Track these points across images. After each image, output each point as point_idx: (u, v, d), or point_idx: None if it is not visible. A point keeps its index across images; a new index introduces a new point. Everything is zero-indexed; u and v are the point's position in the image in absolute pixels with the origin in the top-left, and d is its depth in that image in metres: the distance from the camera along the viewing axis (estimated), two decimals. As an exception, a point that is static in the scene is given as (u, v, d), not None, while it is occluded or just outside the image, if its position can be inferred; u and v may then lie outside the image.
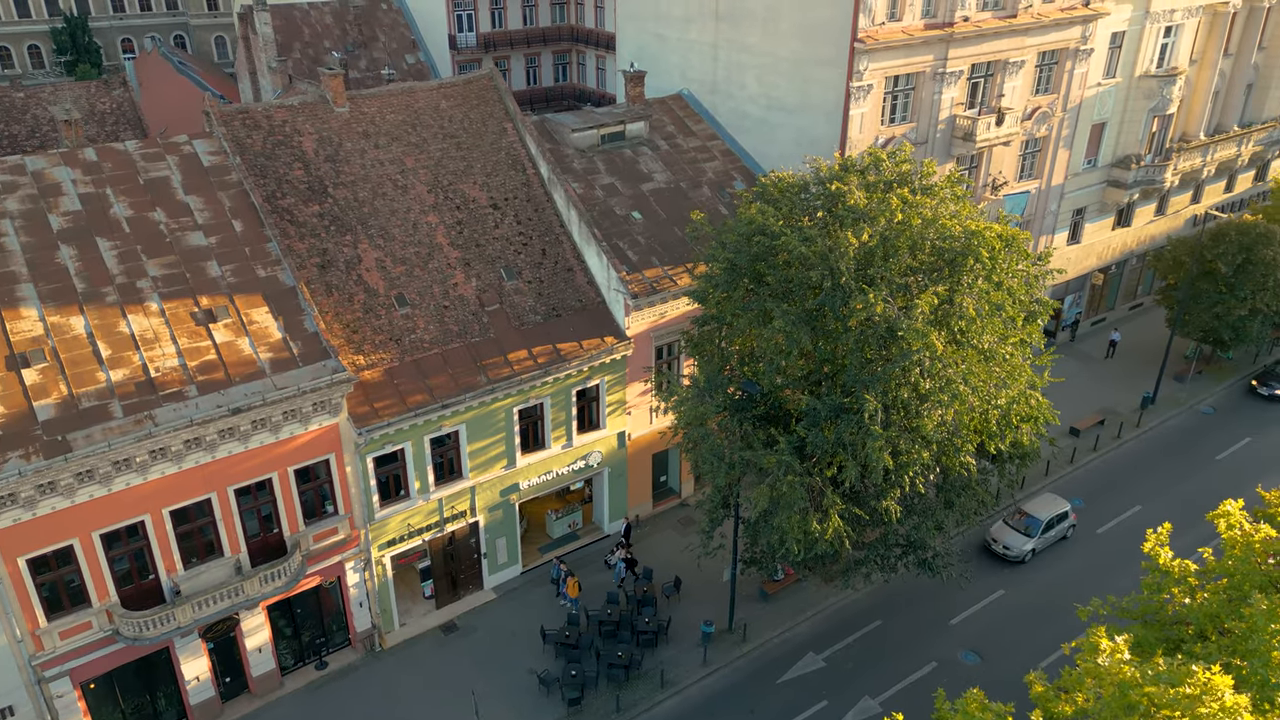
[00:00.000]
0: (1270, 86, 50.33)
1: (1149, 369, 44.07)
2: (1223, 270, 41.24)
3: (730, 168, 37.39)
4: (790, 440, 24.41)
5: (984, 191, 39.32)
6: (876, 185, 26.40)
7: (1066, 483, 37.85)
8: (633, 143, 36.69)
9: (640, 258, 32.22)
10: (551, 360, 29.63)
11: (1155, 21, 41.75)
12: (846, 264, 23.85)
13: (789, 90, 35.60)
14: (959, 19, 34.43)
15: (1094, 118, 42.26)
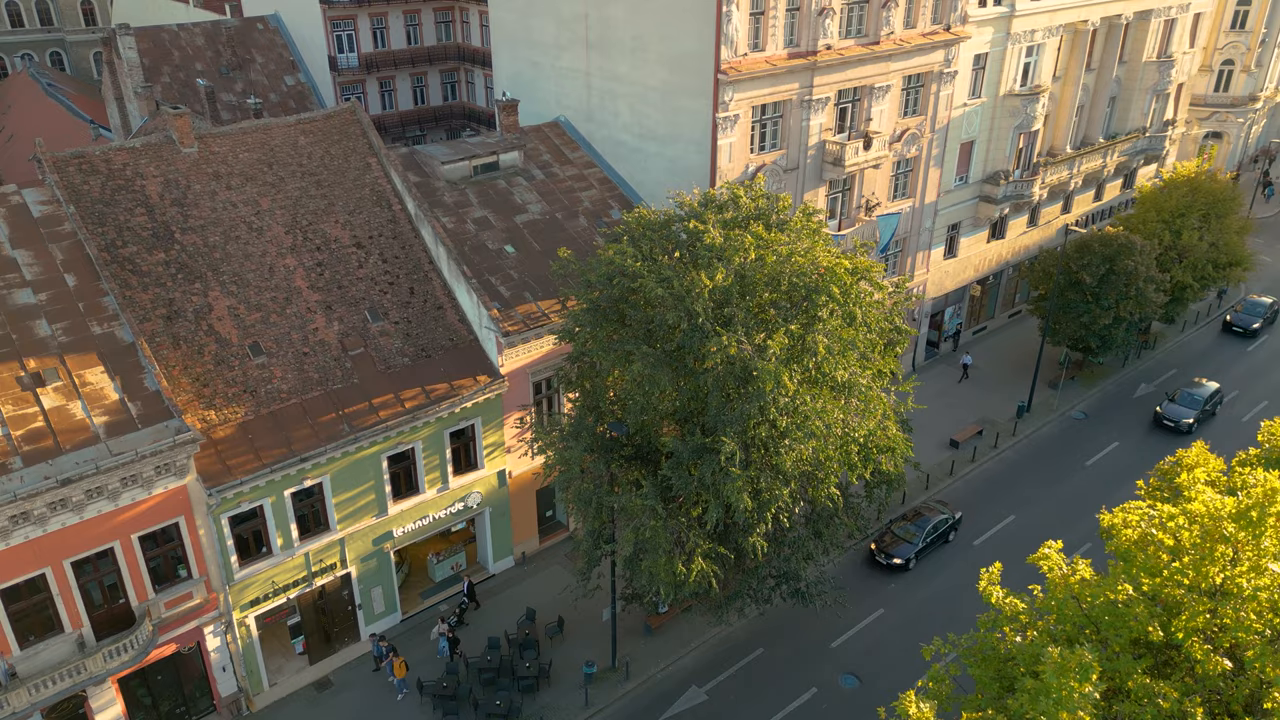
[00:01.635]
0: (1132, 99, 52.69)
1: (1027, 376, 45.49)
2: (1087, 281, 42.93)
3: (608, 196, 37.24)
4: (654, 483, 24.33)
5: (858, 213, 40.07)
6: (734, 222, 26.56)
7: (946, 495, 38.79)
8: (507, 173, 36.21)
9: (513, 293, 31.77)
10: (421, 404, 28.93)
11: (1017, 42, 43.21)
12: (702, 305, 23.88)
13: (659, 120, 35.62)
14: (822, 47, 34.95)
15: (962, 136, 43.51)
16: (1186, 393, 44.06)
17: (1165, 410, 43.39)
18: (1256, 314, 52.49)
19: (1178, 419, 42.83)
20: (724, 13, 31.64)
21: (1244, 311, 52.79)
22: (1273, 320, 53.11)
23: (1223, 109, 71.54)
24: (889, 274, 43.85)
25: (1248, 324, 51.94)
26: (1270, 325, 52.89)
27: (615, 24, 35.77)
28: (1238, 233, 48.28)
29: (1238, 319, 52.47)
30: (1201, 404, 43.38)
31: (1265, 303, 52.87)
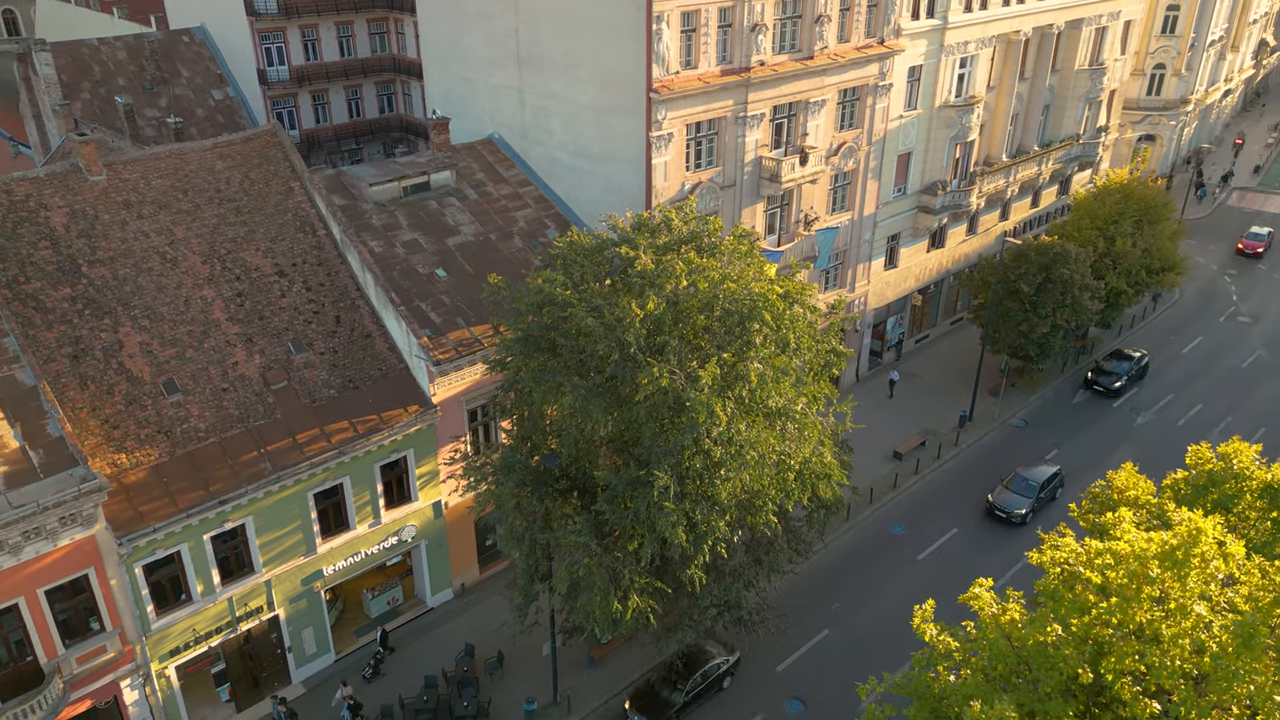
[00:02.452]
0: (1065, 107, 53.40)
1: (969, 384, 45.63)
2: (1025, 290, 43.31)
3: (544, 215, 36.54)
4: (588, 518, 23.74)
5: (796, 228, 39.88)
6: (667, 246, 26.07)
7: (889, 509, 38.80)
8: (439, 193, 35.33)
9: (445, 319, 30.91)
10: (349, 438, 27.97)
11: (951, 54, 43.43)
12: (634, 334, 23.34)
13: (594, 138, 35.02)
14: (755, 64, 34.65)
15: (900, 148, 43.60)
16: (1021, 477, 38.59)
17: (997, 500, 37.89)
18: (1121, 371, 46.92)
19: (1009, 510, 37.44)
20: (654, 31, 31.15)
21: (1108, 369, 47.20)
22: (1141, 376, 47.69)
23: (1155, 112, 73.05)
24: (829, 287, 43.83)
25: (1109, 383, 46.46)
26: (1139, 381, 47.55)
27: (546, 41, 35.11)
28: (1170, 238, 49.14)
29: (1099, 378, 46.81)
30: (1036, 491, 38.03)
31: (1133, 357, 47.96)
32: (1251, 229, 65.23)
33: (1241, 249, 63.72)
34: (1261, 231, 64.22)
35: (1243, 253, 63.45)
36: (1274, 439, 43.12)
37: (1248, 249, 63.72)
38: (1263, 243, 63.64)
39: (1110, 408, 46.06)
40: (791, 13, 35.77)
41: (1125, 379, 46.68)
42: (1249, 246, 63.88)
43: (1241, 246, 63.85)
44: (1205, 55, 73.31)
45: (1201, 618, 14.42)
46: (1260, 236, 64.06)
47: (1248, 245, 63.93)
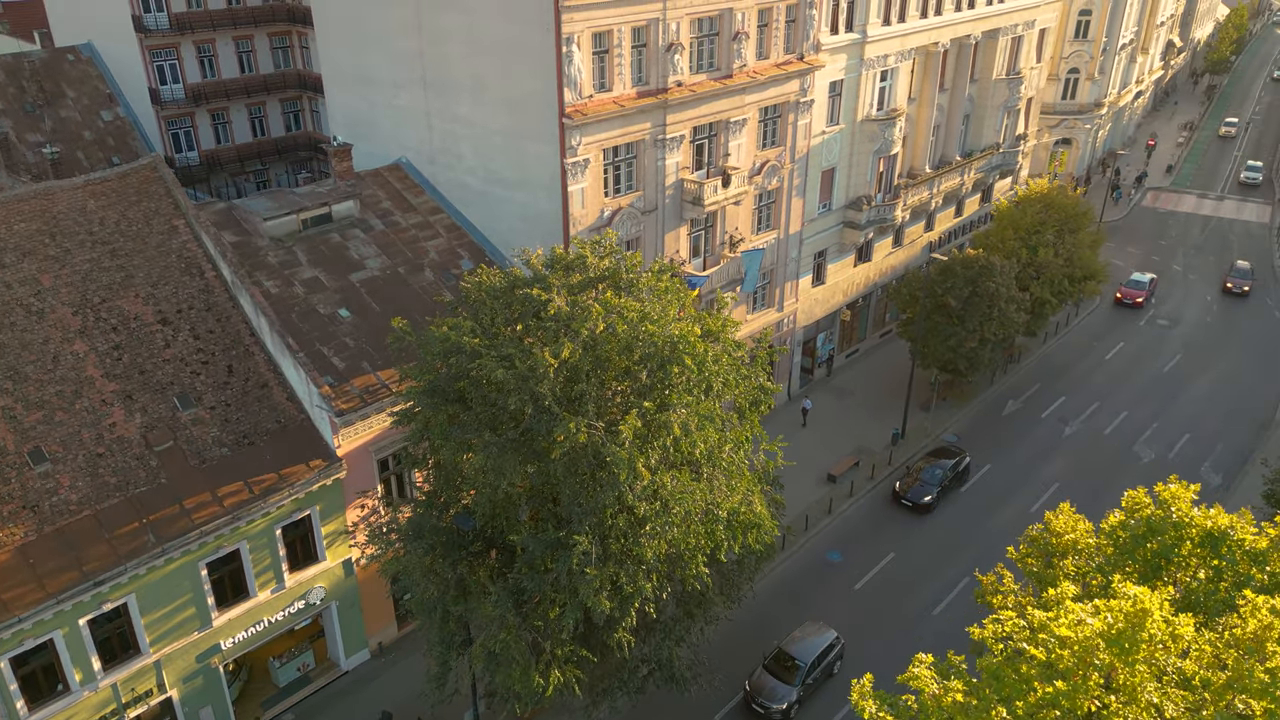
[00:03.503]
0: (985, 116, 53.48)
1: (900, 398, 45.05)
2: (952, 304, 42.98)
3: (456, 245, 34.64)
4: (505, 586, 22.07)
5: (722, 250, 38.75)
6: (583, 284, 24.53)
7: (825, 535, 37.91)
8: (342, 225, 33.18)
9: (349, 364, 28.85)
10: (244, 500, 25.75)
11: (871, 68, 42.83)
12: (548, 385, 21.74)
13: (506, 164, 33.31)
14: (672, 84, 33.35)
15: (823, 164, 42.85)
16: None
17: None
18: (934, 480, 39.16)
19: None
20: (564, 54, 29.59)
21: (922, 476, 39.47)
22: (961, 479, 40.34)
23: (1070, 116, 74.24)
24: (758, 308, 42.85)
25: (919, 496, 38.73)
26: (961, 483, 40.37)
27: (452, 63, 33.25)
28: (1090, 247, 49.53)
29: (910, 490, 39.10)
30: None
31: (947, 464, 39.90)
32: (1132, 276, 58.62)
33: (1120, 298, 56.90)
34: (1143, 279, 58.07)
35: (1121, 302, 56.80)
36: (1198, 445, 43.65)
37: (1127, 298, 56.71)
38: (1144, 291, 57.13)
39: (1039, 419, 46.10)
40: (708, 31, 34.58)
41: (938, 490, 38.80)
42: (1128, 295, 56.79)
43: (1120, 296, 56.94)
44: (1117, 59, 74.83)
45: (1153, 703, 13.57)
46: (1141, 284, 57.60)
47: (1126, 294, 56.89)
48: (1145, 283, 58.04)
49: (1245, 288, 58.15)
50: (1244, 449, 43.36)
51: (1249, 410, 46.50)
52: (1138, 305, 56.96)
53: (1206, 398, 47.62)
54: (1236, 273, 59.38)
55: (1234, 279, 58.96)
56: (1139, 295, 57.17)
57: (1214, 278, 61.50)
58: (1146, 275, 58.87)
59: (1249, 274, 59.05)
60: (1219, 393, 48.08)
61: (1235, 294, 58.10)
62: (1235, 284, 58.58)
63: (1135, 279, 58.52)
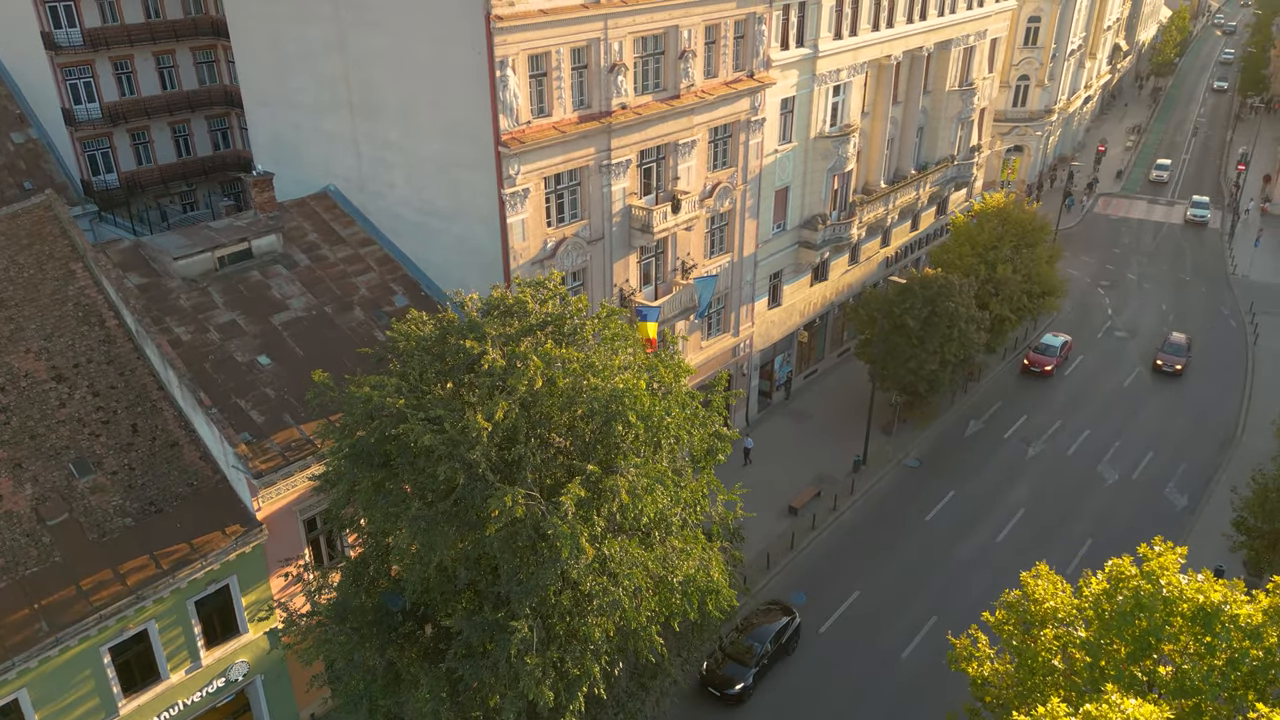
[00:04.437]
0: (939, 128, 52.47)
1: (860, 419, 43.55)
2: (911, 325, 41.73)
3: (389, 280, 32.37)
4: (438, 676, 19.98)
5: (674, 277, 36.97)
6: (523, 332, 22.53)
7: (787, 574, 36.30)
8: (263, 262, 30.75)
9: (269, 417, 26.48)
10: (150, 576, 23.31)
11: (822, 83, 41.40)
12: (481, 451, 19.70)
13: (440, 194, 31.16)
14: (617, 107, 31.48)
15: (777, 184, 41.31)
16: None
17: None
18: (739, 678, 29.95)
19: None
20: (499, 78, 27.54)
21: (726, 671, 30.19)
22: (788, 648, 32.05)
23: (1022, 123, 73.89)
24: (712, 333, 41.16)
25: (729, 684, 29.87)
26: (787, 653, 32.05)
27: (380, 86, 31.02)
28: (1048, 261, 48.70)
29: (722, 675, 30.13)
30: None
31: (768, 633, 31.21)
32: (1044, 339, 51.06)
33: (1028, 365, 49.50)
34: (1055, 342, 50.59)
35: (1029, 370, 49.46)
36: (1161, 464, 42.93)
37: (1035, 366, 49.19)
38: (1054, 358, 49.46)
39: (1001, 440, 45.08)
40: (653, 50, 32.78)
41: (750, 679, 30.16)
42: (1036, 363, 49.21)
43: (1027, 363, 49.56)
44: (1066, 64, 74.70)
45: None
46: (1052, 349, 49.96)
47: (1035, 361, 49.31)
48: (1057, 347, 50.33)
49: (1178, 366, 49.39)
50: (1208, 467, 42.72)
51: (1210, 425, 45.96)
52: (1046, 374, 49.38)
53: (1168, 413, 47.01)
54: (1169, 348, 50.47)
55: (1165, 355, 50.09)
56: (1048, 363, 49.38)
57: (1169, 286, 61.27)
58: (1060, 338, 51.20)
59: (1183, 349, 50.26)
60: (1180, 407, 47.52)
61: (1166, 373, 49.69)
62: (1166, 361, 49.72)
63: (1046, 343, 50.75)
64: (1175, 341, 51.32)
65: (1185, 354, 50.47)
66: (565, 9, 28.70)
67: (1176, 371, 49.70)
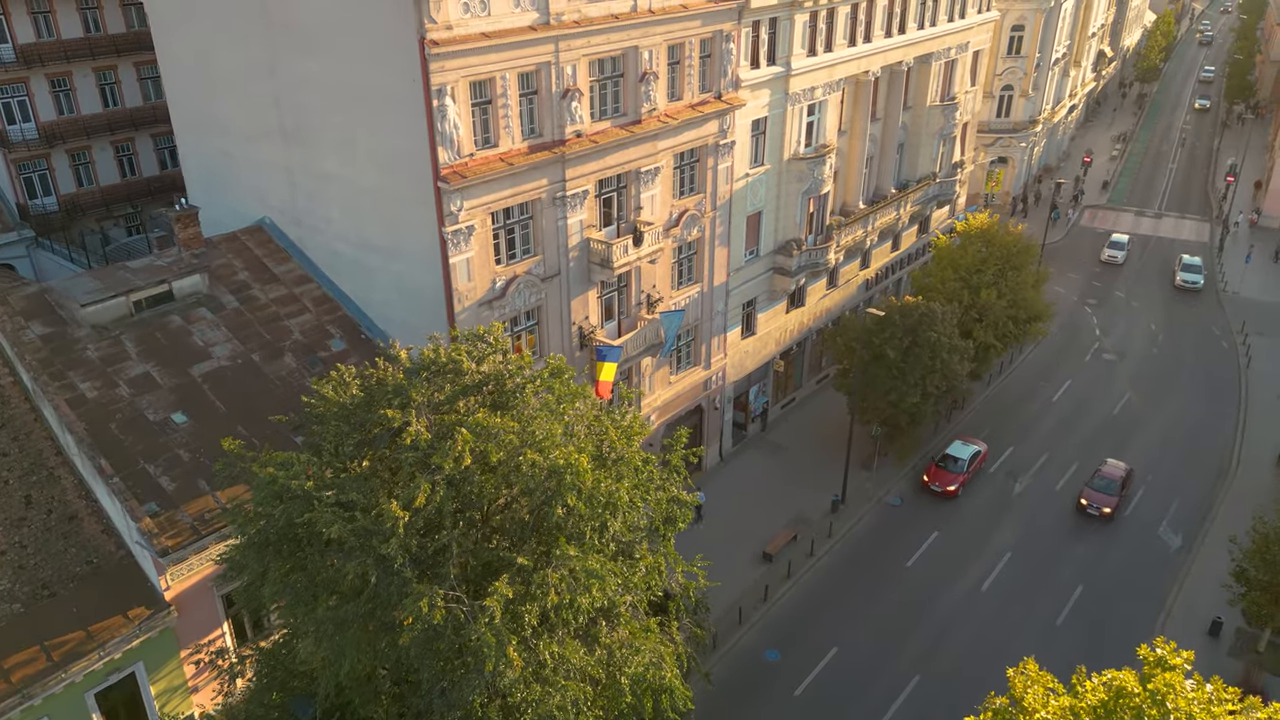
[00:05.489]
0: (920, 145, 50.41)
1: (839, 452, 41.12)
2: (891, 355, 39.61)
3: (327, 321, 29.93)
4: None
5: (638, 311, 34.66)
6: (456, 395, 20.19)
7: (760, 628, 34.03)
8: (185, 305, 28.27)
9: (181, 484, 23.99)
10: (39, 671, 20.84)
11: (797, 102, 39.19)
12: (397, 544, 17.34)
13: (379, 230, 28.75)
14: (571, 135, 29.15)
15: (748, 209, 39.07)
16: None
17: None
18: None
19: None
20: (437, 107, 25.15)
21: None
22: None
23: (1006, 134, 72.06)
24: (682, 367, 38.86)
25: None
26: None
27: (312, 113, 28.60)
28: (1033, 286, 46.67)
29: None
30: None
31: None
32: (951, 448, 41.54)
33: (927, 482, 40.47)
34: (964, 453, 41.08)
35: (929, 487, 40.38)
36: (1154, 499, 40.89)
37: (935, 483, 40.20)
38: (960, 474, 40.20)
39: (986, 474, 42.89)
40: (611, 73, 30.47)
41: None
42: (937, 480, 40.26)
43: (927, 480, 40.52)
44: (1050, 73, 72.92)
45: None
46: (959, 464, 40.51)
47: (935, 478, 40.38)
48: (966, 460, 40.84)
49: (1105, 509, 38.72)
50: (1202, 504, 40.71)
51: (1203, 455, 43.99)
52: (949, 495, 40.03)
53: (1159, 443, 45.02)
54: (1099, 483, 39.79)
55: (1093, 492, 39.45)
56: (952, 481, 40.05)
57: (1158, 304, 59.43)
58: (971, 446, 41.76)
59: (1115, 486, 39.50)
60: (1171, 436, 45.54)
61: (1091, 514, 39.13)
62: (1093, 500, 39.07)
63: (953, 454, 41.30)
64: (1107, 475, 39.98)
65: (1118, 491, 39.12)
66: (510, 32, 26.35)
67: (1104, 515, 38.72)
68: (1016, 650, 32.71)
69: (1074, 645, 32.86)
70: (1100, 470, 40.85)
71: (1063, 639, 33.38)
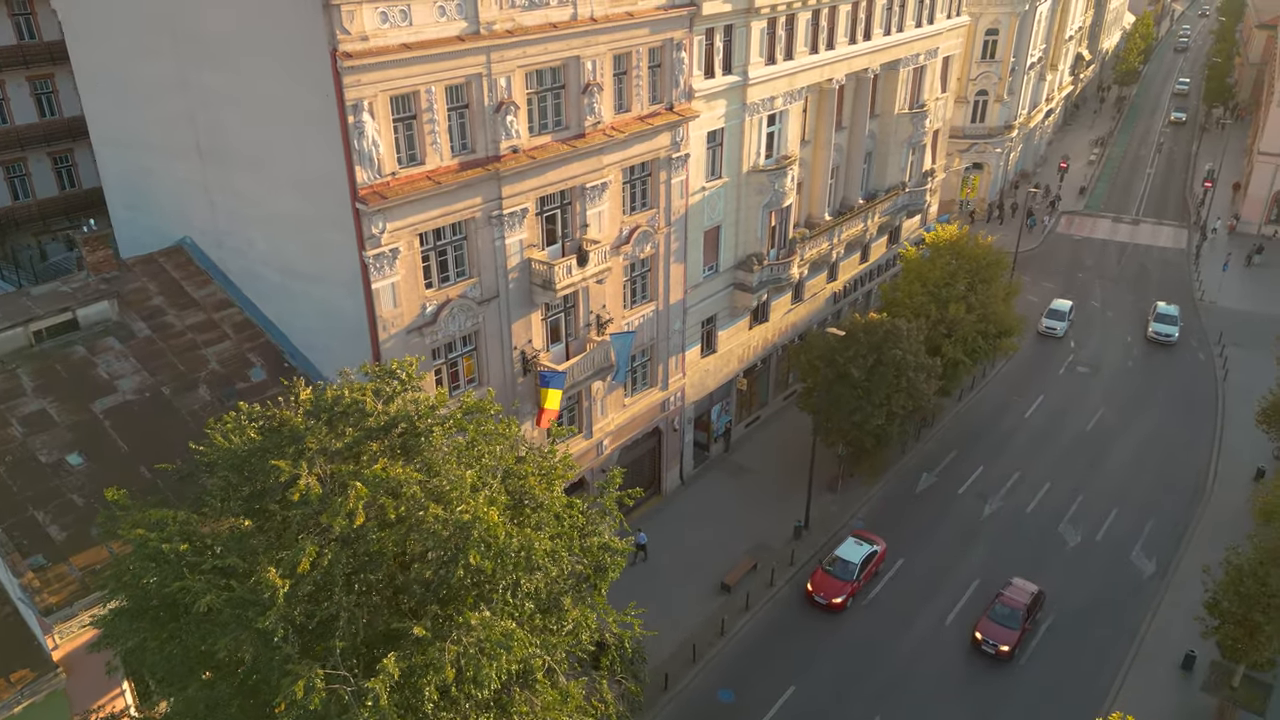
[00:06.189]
0: (888, 153, 48.98)
1: (804, 474, 39.49)
2: (855, 374, 38.12)
3: (248, 349, 28.14)
4: None
5: (587, 333, 33.03)
6: (355, 445, 18.53)
7: (715, 667, 32.42)
8: (91, 334, 26.46)
9: (73, 532, 22.19)
10: (-97, 745, 19.00)
11: (755, 112, 37.64)
12: (276, 616, 15.64)
13: (300, 253, 27.01)
14: (507, 151, 27.47)
15: (706, 223, 37.50)
16: None
17: None
18: None
19: None
20: (352, 125, 23.43)
21: None
22: None
23: (981, 140, 70.79)
24: (637, 389, 37.24)
25: None
26: None
27: (228, 130, 26.82)
28: (1004, 299, 45.32)
29: None
30: None
31: None
32: (840, 549, 35.33)
33: (811, 592, 34.38)
34: (854, 556, 34.86)
35: (813, 598, 34.27)
36: (1127, 521, 39.56)
37: (819, 594, 34.11)
38: (851, 582, 34.10)
39: (956, 495, 41.51)
40: (551, 84, 28.81)
41: None
42: (822, 591, 34.14)
43: (810, 589, 34.42)
44: (1026, 78, 71.72)
45: None
46: (849, 569, 34.44)
47: (820, 587, 34.23)
48: (856, 564, 34.64)
49: (1005, 647, 31.98)
50: (1177, 525, 39.39)
51: (1178, 475, 42.68)
52: (835, 609, 34.07)
53: (1133, 461, 43.70)
54: (999, 611, 32.84)
55: (990, 625, 32.55)
56: (838, 593, 34.01)
57: (1134, 315, 58.19)
58: (864, 546, 35.45)
59: (1016, 619, 32.45)
60: (1146, 454, 44.23)
61: (987, 652, 32.34)
62: (988, 635, 32.22)
63: (842, 555, 35.04)
64: (1009, 602, 33.00)
65: (1021, 623, 32.39)
66: (435, 43, 24.65)
67: (1001, 654, 32.05)
68: (980, 690, 31.42)
69: (1040, 684, 31.49)
70: (1001, 595, 33.20)
71: (1029, 675, 31.96)
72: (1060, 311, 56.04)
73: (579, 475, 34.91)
